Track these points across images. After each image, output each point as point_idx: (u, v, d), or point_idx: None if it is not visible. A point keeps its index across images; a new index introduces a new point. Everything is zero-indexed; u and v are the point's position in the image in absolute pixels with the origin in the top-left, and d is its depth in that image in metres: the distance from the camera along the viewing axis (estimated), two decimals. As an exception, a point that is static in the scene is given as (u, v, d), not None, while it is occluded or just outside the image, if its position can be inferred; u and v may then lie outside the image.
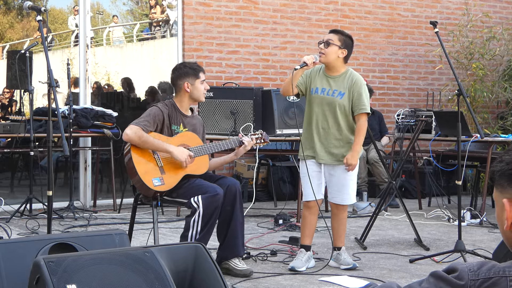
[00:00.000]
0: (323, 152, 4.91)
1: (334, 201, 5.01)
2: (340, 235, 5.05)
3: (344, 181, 4.92)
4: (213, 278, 3.16)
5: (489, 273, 1.49)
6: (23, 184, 8.93)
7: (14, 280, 3.16)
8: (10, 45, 10.60)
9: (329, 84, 4.91)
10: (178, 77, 4.88)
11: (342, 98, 4.86)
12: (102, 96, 9.69)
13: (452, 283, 1.51)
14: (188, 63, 5.02)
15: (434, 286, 1.53)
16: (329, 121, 4.89)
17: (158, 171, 4.69)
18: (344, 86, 4.88)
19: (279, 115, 7.05)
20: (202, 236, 4.52)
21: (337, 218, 5.03)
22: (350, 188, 4.96)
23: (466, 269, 1.51)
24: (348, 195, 4.97)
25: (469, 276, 1.50)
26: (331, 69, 4.93)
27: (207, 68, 8.68)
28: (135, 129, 4.66)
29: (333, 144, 4.89)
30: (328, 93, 4.89)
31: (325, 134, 4.91)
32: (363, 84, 4.90)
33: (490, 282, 1.47)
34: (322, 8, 9.52)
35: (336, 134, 4.89)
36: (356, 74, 4.95)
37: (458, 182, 5.34)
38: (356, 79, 4.89)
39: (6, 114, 8.88)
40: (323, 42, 4.90)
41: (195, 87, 4.84)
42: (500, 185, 1.60)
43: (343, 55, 4.90)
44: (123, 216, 7.23)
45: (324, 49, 4.87)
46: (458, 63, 9.69)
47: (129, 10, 11.56)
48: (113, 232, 3.56)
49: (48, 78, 4.20)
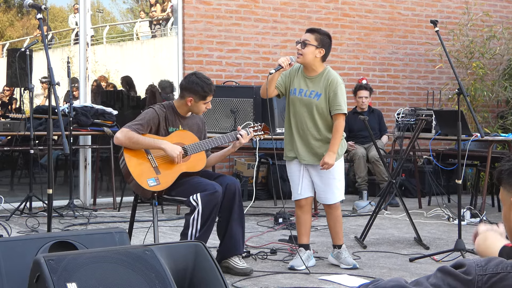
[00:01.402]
0: (305, 152, 4.90)
1: (321, 201, 5.06)
2: (337, 233, 5.04)
3: (327, 181, 4.91)
4: (213, 276, 3.17)
5: (496, 269, 1.49)
6: (23, 182, 8.93)
7: (14, 278, 3.16)
8: (10, 43, 10.59)
9: (307, 85, 4.88)
10: (186, 88, 4.80)
11: (319, 99, 4.83)
12: (102, 94, 9.68)
13: (460, 278, 1.51)
14: (202, 80, 4.78)
15: (442, 281, 1.53)
16: (307, 122, 4.87)
17: (153, 171, 4.68)
18: (321, 86, 4.84)
19: (279, 113, 7.05)
20: (202, 234, 4.51)
21: (331, 216, 5.03)
22: (334, 187, 4.94)
23: (473, 264, 1.51)
24: (333, 194, 4.94)
25: (477, 271, 1.50)
26: (309, 69, 4.89)
27: (207, 66, 8.68)
28: (125, 131, 4.65)
29: (313, 145, 4.88)
30: (306, 94, 4.86)
31: (305, 135, 4.90)
32: (339, 84, 4.83)
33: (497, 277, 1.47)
34: (322, 7, 9.52)
35: (315, 134, 4.88)
36: (332, 73, 4.87)
37: (458, 181, 5.35)
38: (332, 78, 4.82)
39: (6, 112, 8.87)
40: (300, 43, 4.87)
41: (197, 105, 4.80)
42: (508, 184, 1.60)
43: (320, 55, 4.85)
44: (123, 214, 7.23)
45: (301, 49, 4.83)
46: (458, 62, 9.69)
47: (129, 8, 11.54)
48: (113, 230, 3.57)
49: (49, 76, 4.19)
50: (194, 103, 4.79)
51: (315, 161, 4.89)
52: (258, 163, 7.71)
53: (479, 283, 1.49)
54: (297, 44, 4.89)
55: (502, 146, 8.67)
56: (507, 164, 1.62)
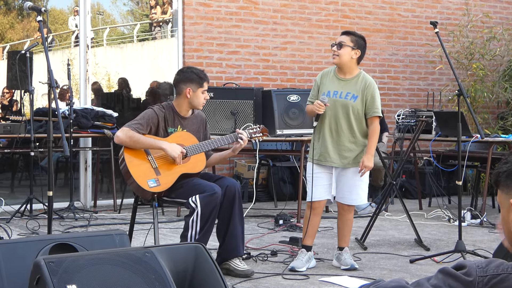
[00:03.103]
0: (336, 155, 4.89)
1: (342, 201, 4.99)
2: (345, 235, 5.05)
3: (356, 182, 4.92)
4: (213, 278, 3.17)
5: (497, 270, 1.49)
6: (23, 184, 8.93)
7: (15, 280, 3.16)
8: (10, 46, 10.59)
9: (341, 87, 4.90)
10: (181, 80, 4.83)
11: (356, 101, 4.86)
12: (102, 96, 9.69)
13: (461, 279, 1.51)
14: (195, 69, 4.93)
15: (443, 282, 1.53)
16: (342, 124, 4.88)
17: (153, 172, 4.67)
18: (357, 89, 4.88)
19: (279, 115, 7.05)
20: (201, 236, 4.51)
21: (343, 218, 5.03)
22: (361, 189, 4.96)
23: (474, 266, 1.52)
24: (359, 196, 4.97)
25: (478, 273, 1.50)
26: (344, 71, 4.93)
27: (207, 68, 8.68)
28: (125, 130, 4.64)
29: (346, 147, 4.88)
30: (341, 96, 4.88)
31: (338, 137, 4.89)
32: (376, 87, 4.93)
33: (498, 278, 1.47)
34: (322, 9, 9.52)
35: (350, 137, 4.89)
36: (368, 77, 4.96)
37: (459, 182, 5.34)
38: (369, 82, 4.91)
39: (7, 115, 8.88)
40: (335, 44, 4.91)
41: (196, 95, 4.80)
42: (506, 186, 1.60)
43: (356, 56, 4.90)
44: (123, 216, 7.23)
45: (337, 50, 4.87)
46: (458, 64, 9.69)
47: (129, 10, 11.56)
48: (114, 232, 3.56)
49: (48, 78, 4.20)
50: (193, 93, 4.78)
51: (344, 164, 4.89)
52: (258, 165, 7.71)
53: (480, 284, 1.49)
54: (333, 46, 4.93)
55: (502, 147, 8.67)
56: (504, 166, 1.62)
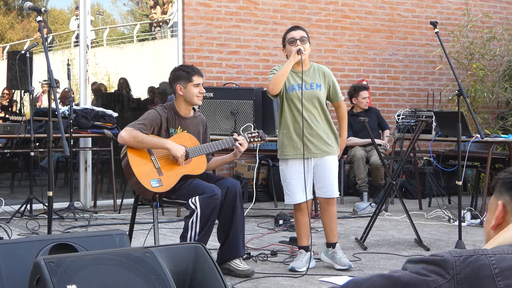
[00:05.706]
0: (314, 146, 4.90)
1: (326, 195, 4.96)
2: (332, 230, 5.03)
3: (331, 173, 4.96)
4: (213, 278, 3.17)
5: (469, 253, 1.58)
6: (23, 184, 8.93)
7: (15, 280, 3.16)
8: (10, 46, 10.59)
9: (303, 79, 4.89)
10: (172, 80, 4.88)
11: (321, 90, 4.93)
12: (102, 96, 9.69)
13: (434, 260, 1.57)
14: (184, 66, 4.99)
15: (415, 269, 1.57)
16: (315, 114, 4.90)
17: (155, 172, 4.67)
18: (317, 78, 4.95)
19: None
20: (201, 237, 4.50)
21: (328, 213, 5.00)
22: (334, 180, 4.99)
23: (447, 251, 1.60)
24: (333, 187, 4.97)
25: (452, 254, 1.57)
26: (302, 64, 4.90)
27: (207, 68, 8.68)
28: (129, 130, 4.65)
29: (322, 137, 4.91)
30: (307, 87, 4.91)
31: (312, 128, 4.89)
32: (332, 74, 5.05)
33: (472, 257, 1.56)
34: (322, 9, 9.52)
35: (324, 126, 4.93)
36: (320, 65, 5.10)
37: (459, 182, 5.34)
38: (325, 69, 5.03)
39: (7, 115, 8.88)
40: (298, 39, 4.92)
41: (187, 90, 4.80)
42: (499, 192, 1.76)
43: (310, 49, 5.04)
44: (123, 216, 7.23)
45: (303, 46, 4.91)
46: (458, 64, 9.69)
47: (129, 10, 11.55)
48: (113, 232, 3.56)
49: (48, 78, 4.20)
50: (184, 90, 4.79)
51: (322, 153, 4.92)
52: (258, 165, 7.70)
53: (457, 263, 1.55)
54: (296, 42, 4.91)
55: (502, 147, 8.67)
56: (503, 174, 1.77)
